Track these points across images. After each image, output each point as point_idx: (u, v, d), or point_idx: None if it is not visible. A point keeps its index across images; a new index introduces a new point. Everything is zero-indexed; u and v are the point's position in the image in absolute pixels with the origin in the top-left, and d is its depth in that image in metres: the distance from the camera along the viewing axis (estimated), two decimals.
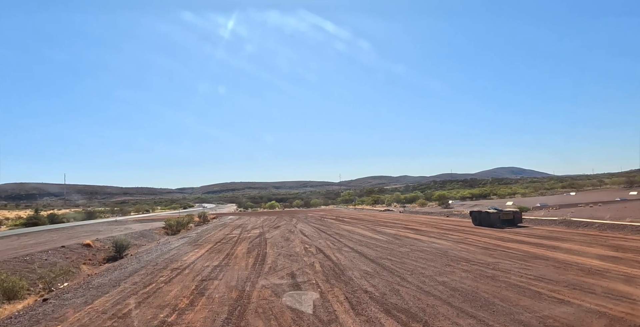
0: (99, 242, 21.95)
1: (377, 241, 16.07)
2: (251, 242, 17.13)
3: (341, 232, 20.15)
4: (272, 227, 26.29)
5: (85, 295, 8.57)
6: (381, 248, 13.79)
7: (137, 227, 35.19)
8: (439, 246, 13.91)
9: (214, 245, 16.80)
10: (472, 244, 14.11)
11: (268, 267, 10.92)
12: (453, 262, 10.63)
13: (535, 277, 8.37)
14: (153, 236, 28.96)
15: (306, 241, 16.73)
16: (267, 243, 16.55)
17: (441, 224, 23.56)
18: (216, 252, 14.21)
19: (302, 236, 18.95)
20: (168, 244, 19.99)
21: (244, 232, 23.20)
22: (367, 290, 7.90)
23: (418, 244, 14.59)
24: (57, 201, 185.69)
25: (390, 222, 26.39)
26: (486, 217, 20.47)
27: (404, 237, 17.05)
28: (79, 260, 17.73)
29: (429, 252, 12.53)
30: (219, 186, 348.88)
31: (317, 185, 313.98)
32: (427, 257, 11.48)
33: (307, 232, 21.28)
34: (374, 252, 12.81)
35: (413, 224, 24.51)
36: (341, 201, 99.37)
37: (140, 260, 13.65)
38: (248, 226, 28.79)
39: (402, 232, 19.38)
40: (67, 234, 29.29)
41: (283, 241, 17.10)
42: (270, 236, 19.98)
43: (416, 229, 20.82)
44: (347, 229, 22.42)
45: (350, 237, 17.83)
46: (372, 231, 20.29)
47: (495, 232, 17.76)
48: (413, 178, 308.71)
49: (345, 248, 14.09)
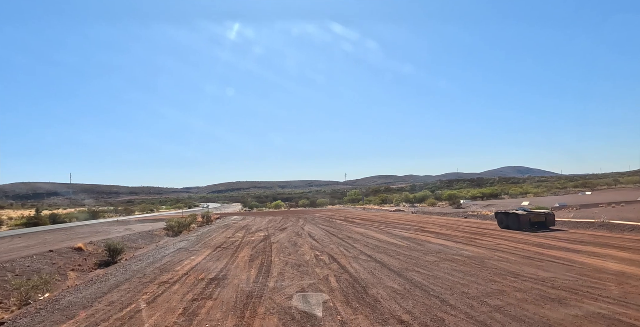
0: (93, 245, 20.39)
1: (396, 246, 14.21)
2: (255, 248, 15.37)
3: (353, 236, 18.31)
4: (277, 229, 24.54)
5: (44, 321, 6.84)
6: (404, 256, 11.93)
7: (138, 227, 33.71)
8: (470, 253, 12.02)
9: (213, 251, 15.07)
10: (509, 251, 12.19)
11: (274, 281, 9.12)
12: (497, 276, 8.75)
13: (619, 302, 6.46)
14: (152, 238, 27.39)
15: (316, 247, 14.92)
16: (272, 249, 14.77)
17: (461, 226, 21.59)
18: (214, 261, 12.46)
19: (311, 240, 17.15)
20: (165, 248, 18.33)
21: (248, 234, 21.47)
22: (402, 319, 6.06)
23: (446, 251, 12.71)
24: (64, 200, 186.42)
25: (405, 224, 24.48)
26: (515, 219, 18.46)
27: (426, 242, 15.16)
28: (67, 266, 16.14)
29: (462, 262, 10.66)
30: (225, 186, 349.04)
31: (323, 184, 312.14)
32: (463, 270, 9.61)
33: (316, 235, 19.48)
34: (397, 262, 10.97)
35: (430, 226, 22.58)
36: (348, 201, 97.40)
37: (127, 269, 11.95)
38: (252, 227, 27.07)
39: (421, 235, 17.48)
40: (63, 235, 27.85)
41: (290, 246, 15.31)
42: (276, 239, 18.22)
43: (436, 232, 18.91)
44: (359, 231, 20.57)
45: (364, 241, 15.99)
46: (387, 235, 18.42)
47: (528, 236, 15.79)
48: (419, 177, 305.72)
49: (361, 256, 12.26)
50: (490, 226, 21.06)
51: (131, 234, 27.20)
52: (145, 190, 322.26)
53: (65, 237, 26.06)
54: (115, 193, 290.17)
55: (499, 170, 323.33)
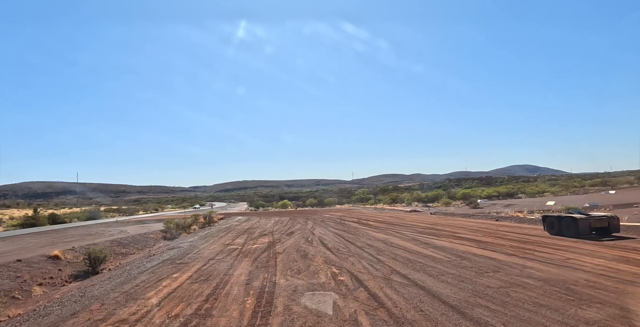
0: (73, 252, 17.75)
1: (433, 260, 11.18)
2: (256, 261, 12.47)
3: (375, 244, 15.30)
4: (284, 233, 21.64)
5: None
6: (451, 277, 8.91)
7: (135, 229, 31.21)
8: (541, 274, 8.94)
9: (204, 264, 12.20)
10: (591, 271, 9.08)
11: (277, 325, 6.19)
12: (614, 319, 5.70)
13: None
14: (147, 242, 24.76)
15: (332, 260, 11.96)
16: (277, 262, 11.84)
17: (500, 232, 18.42)
18: (201, 282, 9.58)
19: (325, 250, 14.18)
20: (153, 257, 15.57)
21: (249, 241, 18.61)
22: None
23: (504, 269, 9.64)
24: (73, 199, 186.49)
25: (430, 228, 21.37)
26: (571, 224, 15.23)
27: (470, 254, 12.08)
28: (34, 279, 13.48)
29: (540, 289, 7.60)
30: (232, 185, 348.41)
31: (330, 183, 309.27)
32: (552, 305, 6.56)
33: (329, 242, 16.51)
34: (447, 288, 7.95)
35: (461, 231, 19.45)
36: (356, 200, 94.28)
37: (85, 294, 9.12)
38: (256, 231, 24.22)
39: (458, 244, 14.40)
40: (51, 238, 25.36)
41: (299, 259, 12.36)
42: (282, 248, 15.30)
43: (473, 239, 15.79)
44: (380, 238, 17.55)
45: (391, 252, 12.96)
46: (415, 242, 15.37)
47: (596, 247, 12.61)
48: (426, 176, 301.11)
49: (395, 277, 9.26)
50: (534, 231, 17.87)
51: (124, 237, 24.62)
52: (153, 189, 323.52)
53: (52, 241, 23.55)
54: (124, 192, 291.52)
55: (507, 168, 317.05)
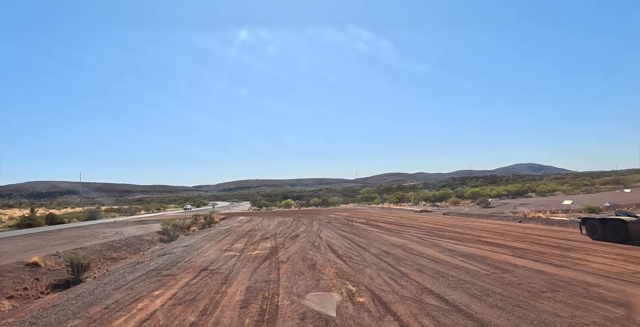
0: (56, 257, 15.95)
1: (469, 274, 9.22)
2: (255, 273, 10.58)
3: (392, 251, 13.35)
4: (288, 236, 19.75)
5: None
6: (501, 299, 6.94)
7: (131, 230, 29.49)
8: (617, 295, 6.97)
9: (193, 277, 10.32)
10: None
11: None
12: None
13: None
14: (142, 244, 23.00)
15: (345, 272, 10.03)
16: (280, 276, 9.93)
17: (530, 235, 16.39)
18: (186, 304, 7.69)
19: (335, 258, 12.25)
20: (139, 266, 13.77)
21: (249, 246, 16.73)
22: None
23: (565, 287, 7.66)
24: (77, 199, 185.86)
25: (449, 231, 19.37)
26: (619, 227, 13.17)
27: (510, 265, 10.09)
28: (5, 291, 11.73)
29: (633, 322, 5.65)
30: (235, 184, 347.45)
31: (333, 182, 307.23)
32: None
33: (339, 248, 14.58)
34: (504, 318, 5.99)
35: (485, 234, 17.45)
36: (361, 199, 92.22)
37: (37, 322, 7.28)
38: (257, 234, 22.35)
39: (488, 251, 12.42)
40: (40, 241, 23.67)
41: (307, 271, 10.44)
42: (286, 255, 13.40)
43: (505, 245, 13.79)
44: (396, 242, 15.60)
45: (414, 262, 11.01)
46: (439, 249, 13.41)
47: None
48: (429, 175, 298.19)
49: (428, 297, 7.32)
50: (570, 235, 15.83)
51: (117, 239, 22.85)
52: (157, 188, 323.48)
53: (40, 244, 21.85)
54: (128, 192, 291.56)
55: (511, 167, 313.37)
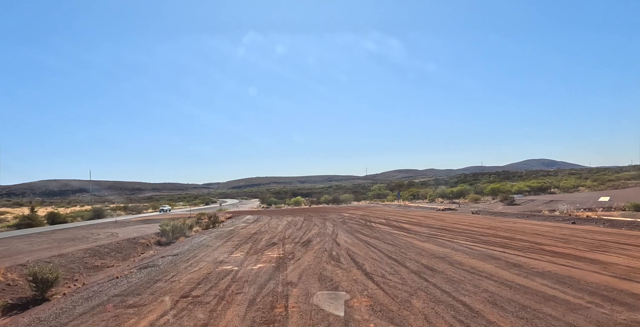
0: (23, 268, 13.28)
1: (571, 310, 6.10)
2: (252, 306, 7.62)
3: (436, 266, 10.24)
4: (298, 242, 16.80)
5: None
6: None
7: (128, 232, 27.04)
8: None
9: (165, 313, 7.41)
10: None
11: None
12: None
13: None
14: (135, 249, 20.37)
15: (384, 307, 6.98)
16: (288, 313, 6.93)
17: (607, 243, 13.08)
18: None
19: (363, 279, 9.22)
20: (99, 289, 11.00)
21: (252, 255, 13.82)
22: None
23: None
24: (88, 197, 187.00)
25: (493, 236, 16.13)
26: None
27: (619, 292, 6.93)
28: None
29: None
30: (244, 181, 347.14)
31: (342, 179, 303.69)
32: None
33: (364, 261, 11.53)
34: None
35: (544, 240, 14.18)
36: (373, 196, 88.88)
37: None
38: (263, 238, 19.47)
39: (569, 268, 9.22)
40: (24, 244, 21.27)
41: (326, 303, 7.41)
42: (296, 272, 10.41)
43: (585, 258, 10.55)
44: (434, 252, 12.49)
45: (478, 288, 7.91)
46: (499, 264, 10.25)
47: None
48: (440, 171, 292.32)
49: None
50: None
51: (107, 243, 20.23)
52: (167, 186, 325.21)
53: (22, 248, 19.41)
54: (139, 189, 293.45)
55: (523, 163, 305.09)
